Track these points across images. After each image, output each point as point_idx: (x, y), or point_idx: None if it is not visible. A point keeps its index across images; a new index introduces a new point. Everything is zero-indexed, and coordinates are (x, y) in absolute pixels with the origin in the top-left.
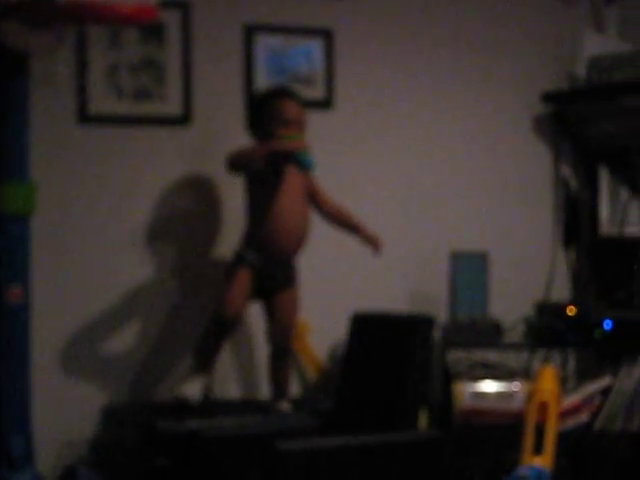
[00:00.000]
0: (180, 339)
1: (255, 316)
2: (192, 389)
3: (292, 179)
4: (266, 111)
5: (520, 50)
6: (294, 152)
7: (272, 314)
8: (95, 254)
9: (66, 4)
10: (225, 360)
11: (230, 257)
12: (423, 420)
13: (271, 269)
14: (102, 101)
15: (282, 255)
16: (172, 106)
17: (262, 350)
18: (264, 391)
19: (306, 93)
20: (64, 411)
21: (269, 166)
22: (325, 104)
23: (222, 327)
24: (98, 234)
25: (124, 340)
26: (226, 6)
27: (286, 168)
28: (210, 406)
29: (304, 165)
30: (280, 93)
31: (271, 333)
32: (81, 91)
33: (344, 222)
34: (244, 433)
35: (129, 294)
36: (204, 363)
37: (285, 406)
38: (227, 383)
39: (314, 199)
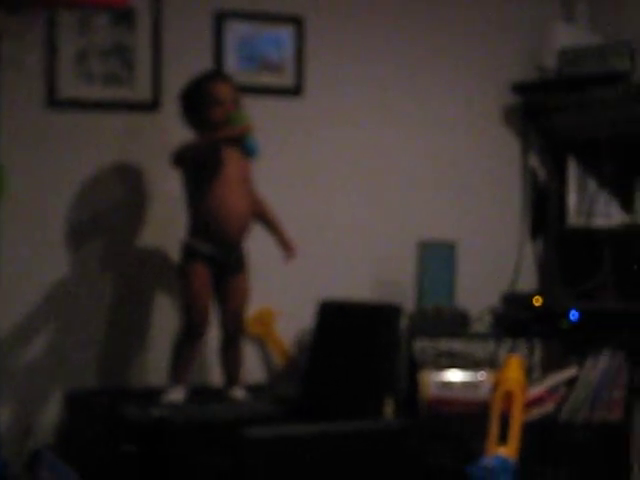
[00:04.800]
0: (142, 326)
1: None
2: (175, 396)
3: (231, 163)
4: (199, 96)
5: (490, 40)
6: (239, 138)
7: (223, 300)
8: (61, 237)
9: None
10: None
11: (178, 249)
12: (389, 409)
13: (221, 256)
14: (71, 86)
15: (231, 240)
16: (141, 91)
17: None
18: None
19: (276, 80)
20: (28, 397)
21: (212, 154)
22: (295, 91)
23: (193, 335)
24: (65, 217)
25: (87, 326)
26: None
27: (226, 153)
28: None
29: (250, 151)
30: (209, 76)
31: (222, 320)
32: (50, 75)
33: (266, 219)
34: (211, 420)
35: (93, 276)
36: (182, 373)
37: (239, 393)
38: None
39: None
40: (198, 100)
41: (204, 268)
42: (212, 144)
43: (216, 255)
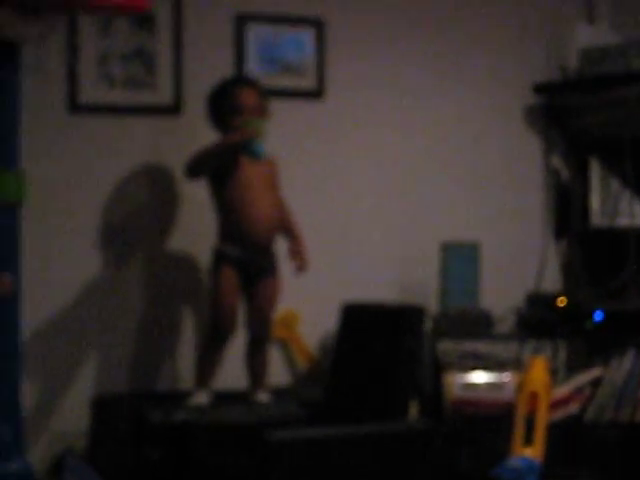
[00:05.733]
0: (166, 330)
1: None
2: (199, 399)
3: (249, 167)
4: (223, 101)
5: (512, 41)
6: (243, 142)
7: (251, 303)
8: (84, 244)
9: None
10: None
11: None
12: (413, 410)
13: (251, 259)
14: (93, 90)
15: (259, 243)
16: (162, 95)
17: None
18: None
19: (297, 83)
20: (54, 401)
21: (224, 160)
22: (316, 94)
23: (221, 337)
24: (87, 224)
25: (115, 330)
26: None
27: (238, 158)
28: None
29: (252, 154)
30: (235, 81)
31: (249, 323)
32: (72, 80)
33: (286, 227)
34: (235, 423)
35: (121, 281)
36: (207, 375)
37: (264, 397)
38: None
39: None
40: (222, 105)
41: (232, 271)
42: (220, 151)
43: (245, 258)
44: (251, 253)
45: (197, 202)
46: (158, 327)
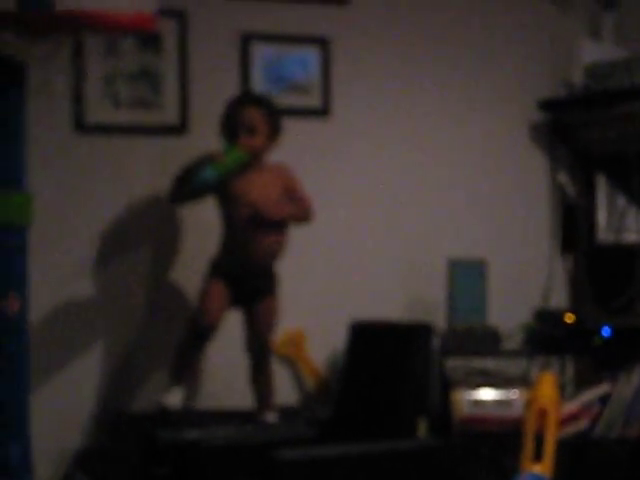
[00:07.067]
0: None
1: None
2: (173, 399)
3: (251, 183)
4: (230, 118)
5: (516, 57)
6: (195, 167)
7: (249, 327)
8: (91, 264)
9: (63, 13)
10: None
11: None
12: (422, 428)
13: (249, 277)
14: (99, 110)
15: (257, 263)
16: (169, 115)
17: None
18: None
19: (303, 101)
20: (62, 420)
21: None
22: (322, 112)
23: (199, 337)
24: (94, 244)
25: (121, 348)
26: (222, 15)
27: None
28: (204, 416)
29: (198, 180)
30: (241, 98)
31: (249, 346)
32: (78, 100)
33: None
34: (244, 443)
35: (126, 303)
36: (183, 374)
37: (271, 416)
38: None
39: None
40: (228, 122)
41: (221, 283)
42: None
43: (239, 274)
44: (247, 272)
45: (205, 223)
46: (167, 345)
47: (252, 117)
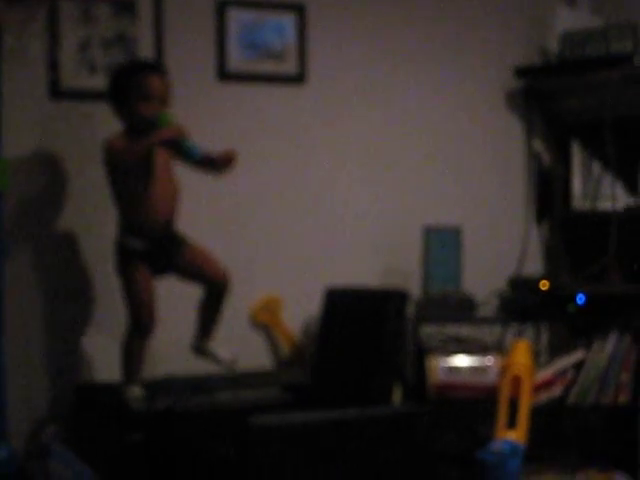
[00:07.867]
0: None
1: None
2: (134, 396)
3: (159, 161)
4: (128, 85)
5: (492, 25)
6: (178, 140)
7: (187, 274)
8: (64, 233)
9: None
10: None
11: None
12: (397, 395)
13: (156, 247)
14: (74, 76)
15: (162, 231)
16: None
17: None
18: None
19: (279, 68)
20: (36, 389)
21: (145, 159)
22: (297, 79)
23: (143, 334)
24: (68, 211)
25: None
26: None
27: (158, 155)
28: (174, 383)
29: (191, 154)
30: (143, 67)
31: (206, 289)
32: (53, 66)
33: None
34: (218, 408)
35: (98, 273)
36: (136, 372)
37: (210, 345)
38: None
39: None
40: (127, 89)
41: (142, 268)
42: (147, 149)
43: (151, 248)
44: (155, 242)
45: None
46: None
47: (157, 85)
